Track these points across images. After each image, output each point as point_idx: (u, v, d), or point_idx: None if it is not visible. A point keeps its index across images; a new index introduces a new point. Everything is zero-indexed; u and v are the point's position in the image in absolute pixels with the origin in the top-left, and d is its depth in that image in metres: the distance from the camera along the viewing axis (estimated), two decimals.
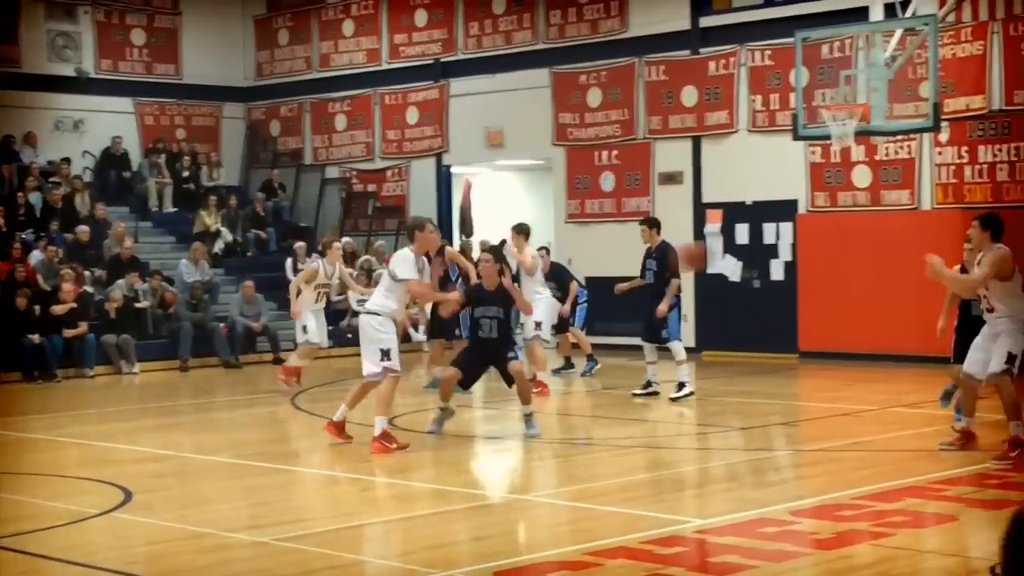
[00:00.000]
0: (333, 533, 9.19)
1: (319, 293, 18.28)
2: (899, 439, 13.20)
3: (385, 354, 12.59)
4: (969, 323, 12.69)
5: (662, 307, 16.26)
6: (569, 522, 9.77)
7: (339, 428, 13.15)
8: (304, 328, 18.24)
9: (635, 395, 16.76)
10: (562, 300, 19.66)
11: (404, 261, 12.75)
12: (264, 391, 19.05)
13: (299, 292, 18.19)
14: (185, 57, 29.56)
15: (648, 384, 16.70)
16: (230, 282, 25.04)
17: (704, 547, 8.68)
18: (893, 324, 20.39)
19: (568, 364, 20.10)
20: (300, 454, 13.78)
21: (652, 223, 17.00)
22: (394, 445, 12.51)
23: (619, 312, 20.26)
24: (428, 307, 18.50)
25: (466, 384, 13.72)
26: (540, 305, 17.75)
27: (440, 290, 14.48)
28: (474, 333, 13.60)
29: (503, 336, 13.43)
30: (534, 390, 16.87)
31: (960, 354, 12.41)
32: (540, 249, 20.02)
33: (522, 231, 18.12)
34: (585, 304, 20.28)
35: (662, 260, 16.54)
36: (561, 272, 20.21)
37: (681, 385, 16.39)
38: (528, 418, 13.52)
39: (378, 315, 12.70)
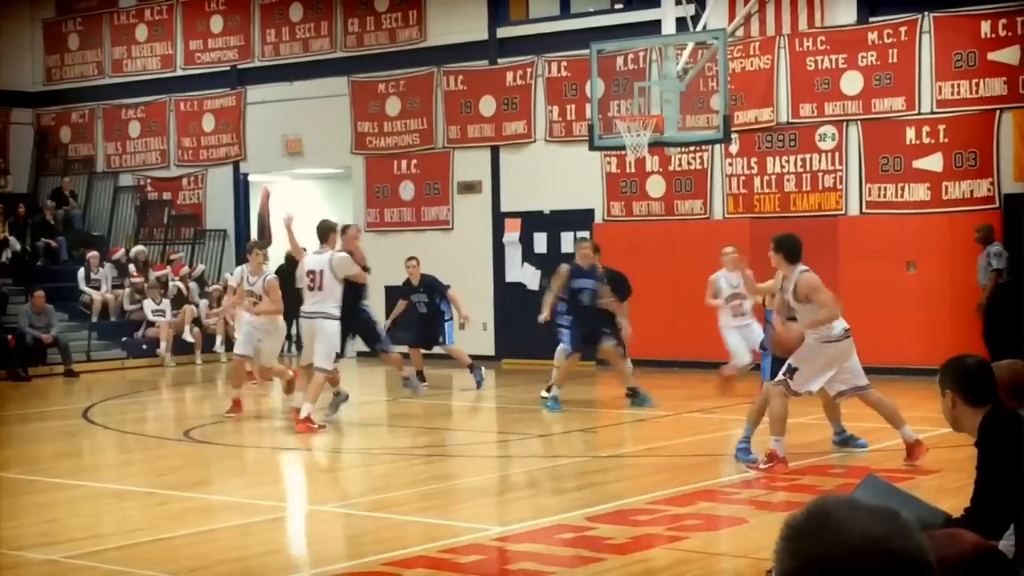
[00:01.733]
0: (126, 549, 9.01)
1: (251, 302, 17.15)
2: (692, 444, 13.49)
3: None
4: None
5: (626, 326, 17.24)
6: (368, 532, 9.75)
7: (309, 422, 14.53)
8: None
9: (543, 397, 16.93)
10: (431, 312, 18.88)
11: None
12: (54, 405, 18.49)
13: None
14: None
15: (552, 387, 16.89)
16: (19, 292, 24.31)
17: (503, 554, 8.76)
18: (686, 331, 20.81)
19: (420, 377, 18.82)
20: (93, 469, 13.48)
21: (596, 247, 17.24)
22: (316, 426, 14.44)
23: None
24: None
25: None
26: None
27: None
28: None
29: None
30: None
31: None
32: (410, 260, 19.07)
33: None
34: (450, 320, 19.18)
35: (619, 282, 17.11)
36: (433, 284, 19.06)
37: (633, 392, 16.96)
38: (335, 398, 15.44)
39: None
